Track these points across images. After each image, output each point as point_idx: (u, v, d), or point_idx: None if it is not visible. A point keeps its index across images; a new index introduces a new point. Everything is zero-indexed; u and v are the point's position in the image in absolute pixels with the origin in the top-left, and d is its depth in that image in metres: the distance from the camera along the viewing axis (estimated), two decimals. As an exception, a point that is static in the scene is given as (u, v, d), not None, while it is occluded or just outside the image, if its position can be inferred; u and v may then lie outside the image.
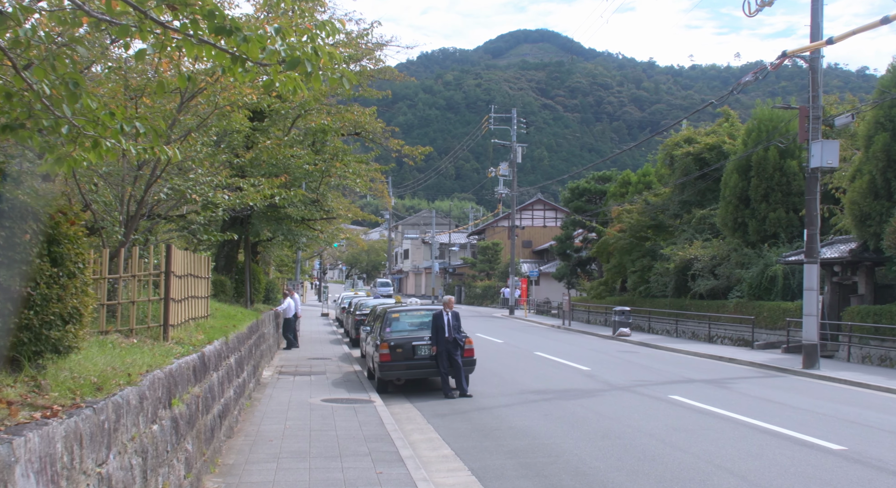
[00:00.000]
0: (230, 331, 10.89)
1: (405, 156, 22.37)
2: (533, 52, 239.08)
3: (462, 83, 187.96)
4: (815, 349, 19.06)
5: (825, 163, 18.49)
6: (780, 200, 30.24)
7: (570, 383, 16.11)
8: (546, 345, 27.08)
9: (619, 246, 41.23)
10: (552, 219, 77.07)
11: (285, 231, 20.81)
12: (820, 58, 18.91)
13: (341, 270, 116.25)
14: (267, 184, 12.20)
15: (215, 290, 18.05)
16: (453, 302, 15.08)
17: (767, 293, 28.68)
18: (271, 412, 12.01)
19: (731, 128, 39.33)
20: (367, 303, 27.85)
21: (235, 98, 9.23)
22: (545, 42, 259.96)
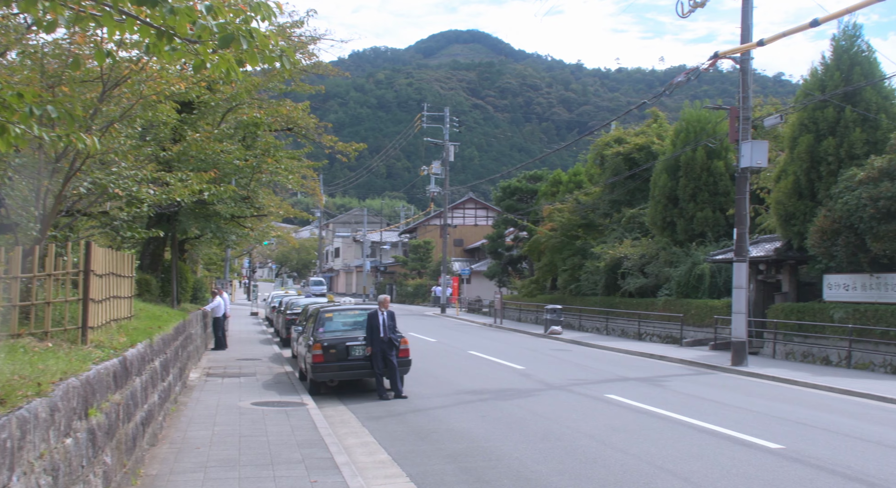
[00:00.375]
0: (155, 333, 10.38)
1: (338, 153, 21.95)
2: (464, 53, 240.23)
3: (394, 82, 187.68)
4: (744, 346, 19.35)
5: (755, 162, 18.78)
6: (707, 200, 30.78)
7: (506, 382, 15.97)
8: (479, 343, 26.97)
9: (551, 244, 41.47)
10: (483, 217, 77.30)
11: (214, 228, 20.16)
12: (750, 59, 19.20)
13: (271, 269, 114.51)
14: (195, 179, 11.65)
15: (140, 290, 17.36)
16: (388, 301, 14.77)
17: (695, 291, 29.14)
18: (199, 417, 11.51)
19: (660, 128, 39.92)
20: (299, 302, 27.31)
21: (162, 88, 8.75)
22: (476, 43, 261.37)
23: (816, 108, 22.61)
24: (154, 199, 10.47)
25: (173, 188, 10.97)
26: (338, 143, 21.71)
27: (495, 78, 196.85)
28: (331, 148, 21.80)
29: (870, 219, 19.50)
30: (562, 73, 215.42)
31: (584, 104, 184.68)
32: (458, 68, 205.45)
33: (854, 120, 21.97)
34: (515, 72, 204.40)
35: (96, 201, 10.01)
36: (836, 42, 23.28)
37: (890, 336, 18.98)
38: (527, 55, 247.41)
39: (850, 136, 21.94)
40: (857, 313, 20.10)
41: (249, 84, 16.97)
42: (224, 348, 24.21)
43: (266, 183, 21.33)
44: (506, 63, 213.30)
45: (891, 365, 18.96)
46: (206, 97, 16.92)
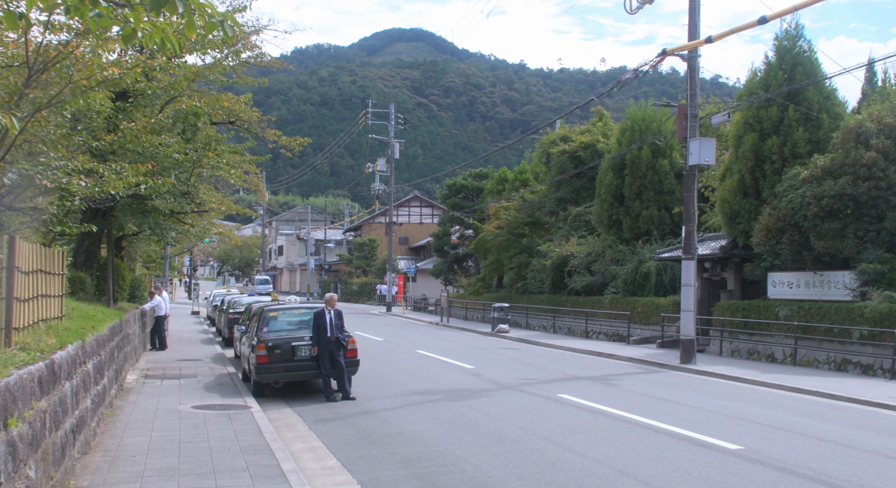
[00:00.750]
0: (88, 334, 9.79)
1: (282, 148, 21.29)
2: (408, 51, 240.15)
3: (337, 79, 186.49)
4: (693, 344, 19.37)
5: (703, 160, 18.79)
6: (652, 198, 30.93)
7: (457, 382, 15.64)
8: (427, 342, 26.63)
9: (497, 242, 41.35)
10: (428, 215, 77.02)
11: (152, 224, 19.41)
12: (698, 57, 19.21)
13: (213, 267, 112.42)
14: (131, 171, 11.00)
15: (73, 288, 16.59)
16: (336, 299, 14.29)
17: (641, 289, 29.25)
18: (135, 422, 10.92)
19: (605, 127, 40.10)
20: (241, 301, 26.62)
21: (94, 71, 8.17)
22: (420, 41, 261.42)
23: (761, 108, 22.81)
24: (86, 192, 9.84)
25: (107, 180, 10.33)
26: (282, 138, 21.06)
27: (439, 76, 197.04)
28: (274, 142, 21.14)
29: (814, 218, 19.69)
30: (505, 73, 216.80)
31: (528, 104, 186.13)
32: (402, 67, 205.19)
33: (797, 119, 22.19)
34: (459, 71, 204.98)
35: (22, 192, 9.36)
36: (779, 42, 23.51)
37: (833, 333, 19.19)
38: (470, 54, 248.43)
39: (793, 135, 22.16)
40: (802, 311, 20.29)
41: (189, 72, 16.31)
42: (164, 348, 23.43)
43: (207, 178, 20.65)
44: (449, 62, 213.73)
45: (834, 361, 19.17)
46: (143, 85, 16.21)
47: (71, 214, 13.70)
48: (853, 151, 19.46)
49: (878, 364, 17.92)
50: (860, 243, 19.33)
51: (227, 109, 20.11)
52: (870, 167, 19.00)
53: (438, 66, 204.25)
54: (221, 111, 20.43)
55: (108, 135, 13.85)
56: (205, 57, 20.10)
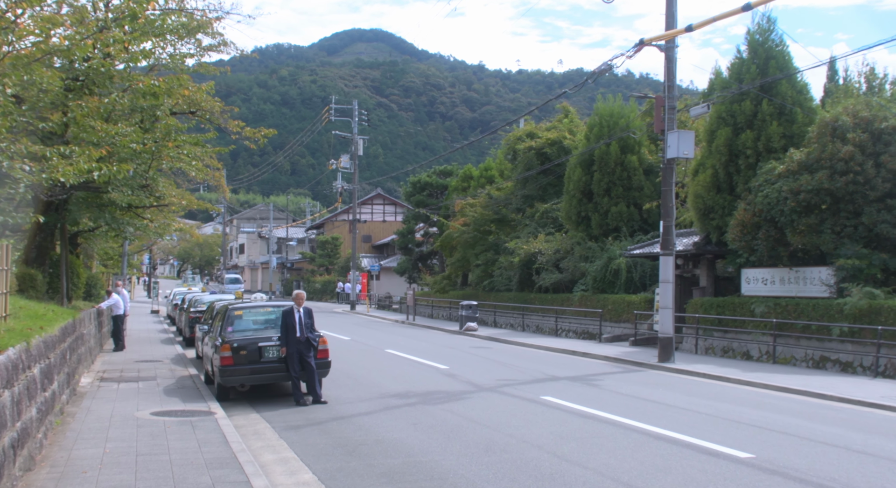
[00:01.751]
0: (34, 335, 8.94)
1: (246, 139, 20.32)
2: (368, 51, 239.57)
3: (297, 79, 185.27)
4: (671, 342, 18.91)
5: (682, 153, 18.33)
6: (621, 195, 30.53)
7: (433, 384, 14.95)
8: (396, 341, 25.91)
9: (463, 240, 40.72)
10: (392, 213, 76.25)
11: (109, 219, 18.43)
12: (675, 47, 18.75)
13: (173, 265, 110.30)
14: (83, 156, 10.06)
15: (23, 286, 15.61)
16: (304, 297, 13.49)
17: (611, 286, 28.81)
18: (88, 431, 10.05)
19: (571, 124, 39.73)
20: (203, 300, 25.64)
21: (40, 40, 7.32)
22: (379, 42, 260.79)
23: (734, 102, 22.45)
24: (32, 179, 8.97)
25: (55, 166, 9.41)
26: (245, 129, 20.12)
27: (399, 77, 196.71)
28: (237, 134, 20.17)
29: (790, 213, 19.34)
30: (464, 74, 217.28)
31: (487, 104, 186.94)
32: (362, 66, 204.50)
33: (771, 113, 21.86)
34: (419, 71, 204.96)
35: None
36: (752, 36, 23.16)
37: (811, 330, 18.85)
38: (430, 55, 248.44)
39: (767, 130, 21.83)
40: (778, 307, 19.93)
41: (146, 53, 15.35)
42: (122, 349, 22.40)
43: (167, 171, 19.70)
44: (409, 62, 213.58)
45: (813, 359, 18.83)
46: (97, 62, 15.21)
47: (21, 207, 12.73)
48: (829, 145, 19.13)
49: (857, 361, 17.60)
50: (837, 238, 19.01)
51: (188, 98, 19.15)
52: (847, 161, 18.68)
53: (398, 67, 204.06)
54: (182, 100, 19.51)
55: (54, 114, 12.80)
56: (164, 45, 19.15)
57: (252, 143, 20.69)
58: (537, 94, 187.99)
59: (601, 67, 19.45)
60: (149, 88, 17.92)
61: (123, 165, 10.70)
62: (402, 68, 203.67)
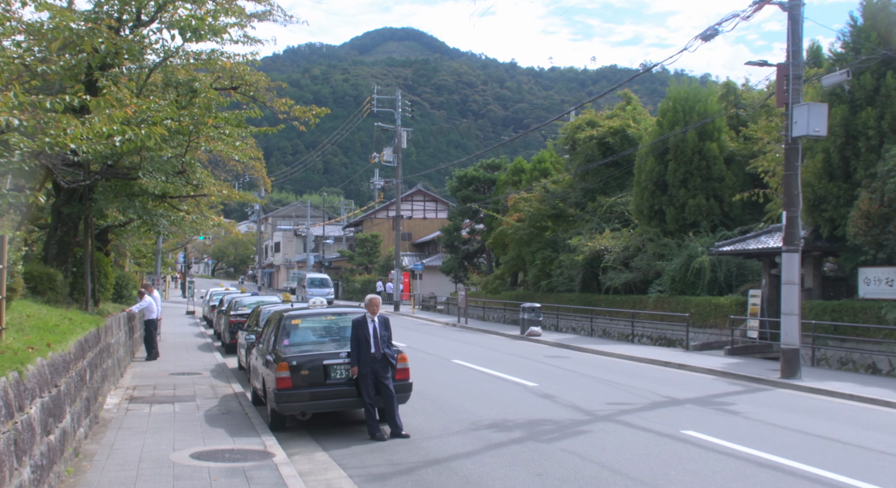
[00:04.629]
0: (35, 357, 6.40)
1: (295, 119, 17.74)
2: (399, 50, 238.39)
3: (329, 78, 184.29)
4: (797, 355, 15.98)
5: (812, 130, 15.39)
6: (699, 186, 27.56)
7: (530, 409, 12.19)
8: (457, 348, 23.22)
9: (518, 236, 37.90)
10: (432, 210, 73.76)
11: (139, 210, 15.91)
12: (801, 5, 15.83)
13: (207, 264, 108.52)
14: (102, 118, 7.44)
15: (39, 287, 13.14)
16: (379, 303, 10.79)
17: (692, 287, 25.89)
18: (109, 485, 7.48)
19: (634, 111, 36.89)
20: (244, 301, 23.14)
21: None
22: (411, 40, 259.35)
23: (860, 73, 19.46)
24: (33, 146, 6.44)
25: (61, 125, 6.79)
26: (294, 108, 17.48)
27: (431, 75, 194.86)
28: (285, 113, 17.57)
29: (931, 201, 16.39)
30: (496, 71, 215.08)
31: (519, 101, 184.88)
32: (394, 65, 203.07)
33: (896, 88, 18.86)
34: (451, 69, 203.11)
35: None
36: (868, 1, 20.17)
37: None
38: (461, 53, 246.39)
39: (893, 107, 18.82)
40: (916, 313, 16.97)
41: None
42: (155, 358, 19.95)
43: (206, 154, 17.17)
44: (441, 60, 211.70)
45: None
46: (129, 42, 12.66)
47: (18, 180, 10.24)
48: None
49: None
50: None
51: (229, 71, 16.67)
52: None
53: (430, 65, 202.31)
54: (223, 75, 17.02)
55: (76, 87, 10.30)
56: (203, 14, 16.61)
57: (301, 125, 18.04)
58: (570, 92, 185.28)
59: (706, 31, 16.55)
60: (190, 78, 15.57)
61: (155, 129, 8.04)
62: (434, 66, 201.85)
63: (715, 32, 16.56)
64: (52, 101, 6.51)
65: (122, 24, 13.96)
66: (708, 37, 16.68)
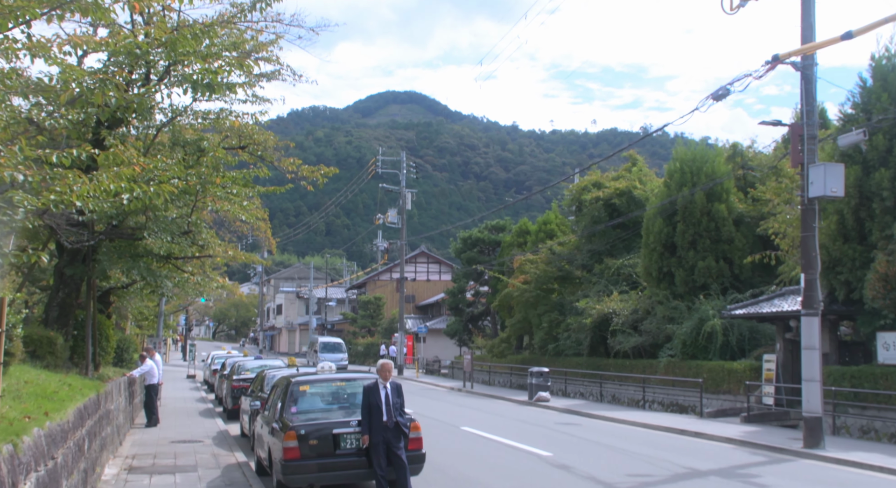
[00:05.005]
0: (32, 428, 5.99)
1: (302, 179, 17.57)
2: (402, 113, 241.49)
3: (333, 140, 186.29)
4: (820, 424, 15.42)
5: (829, 191, 15.14)
6: (709, 248, 27.24)
7: (546, 481, 11.61)
8: (465, 414, 22.60)
9: (524, 299, 37.42)
10: (435, 272, 73.42)
11: (144, 271, 15.58)
12: (814, 65, 15.74)
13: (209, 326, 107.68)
14: (110, 176, 7.13)
15: (38, 351, 12.72)
16: (392, 368, 10.37)
17: (704, 351, 25.33)
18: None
19: (640, 172, 36.82)
20: (247, 366, 22.62)
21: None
22: (413, 103, 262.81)
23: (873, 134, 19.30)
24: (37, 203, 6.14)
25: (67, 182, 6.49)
26: (302, 167, 17.36)
27: (433, 137, 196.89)
28: (293, 173, 17.42)
29: (952, 264, 16.03)
30: (498, 134, 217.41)
31: (521, 163, 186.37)
32: (397, 128, 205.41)
33: (910, 149, 18.69)
34: (453, 132, 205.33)
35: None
36: (877, 62, 20.16)
37: None
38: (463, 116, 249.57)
39: (908, 167, 18.64)
40: (942, 379, 16.45)
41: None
42: (156, 424, 19.36)
43: (211, 213, 16.91)
44: (443, 123, 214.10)
45: None
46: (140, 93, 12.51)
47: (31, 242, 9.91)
48: None
49: None
50: None
51: (237, 130, 16.54)
52: None
53: (432, 127, 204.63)
54: (231, 132, 16.88)
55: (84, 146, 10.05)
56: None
57: (309, 185, 17.88)
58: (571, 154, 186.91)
59: (718, 91, 16.45)
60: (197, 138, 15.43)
61: (164, 186, 7.72)
62: (437, 129, 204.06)
63: (727, 92, 16.45)
64: (59, 156, 6.25)
65: (132, 84, 13.85)
66: (720, 96, 16.57)
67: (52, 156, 6.17)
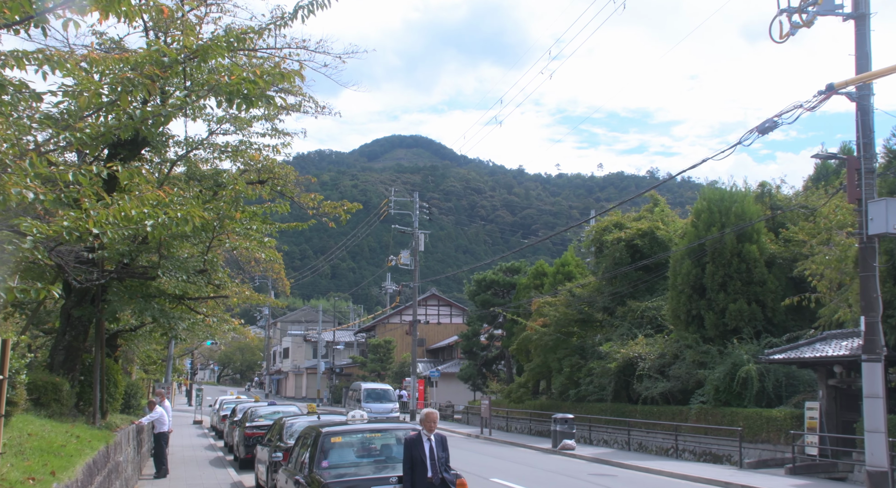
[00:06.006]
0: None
1: (324, 216, 16.65)
2: (408, 157, 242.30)
3: (339, 184, 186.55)
4: (886, 479, 14.20)
5: (891, 227, 14.14)
6: (740, 290, 26.21)
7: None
8: (489, 464, 21.36)
9: (543, 342, 36.24)
10: (446, 315, 72.25)
11: (157, 312, 14.55)
12: (871, 95, 14.87)
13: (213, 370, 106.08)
14: (133, 201, 6.15)
15: (43, 399, 11.68)
16: (437, 419, 9.29)
17: (738, 398, 24.13)
18: None
19: (662, 213, 35.98)
20: (260, 412, 21.47)
21: None
22: (419, 147, 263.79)
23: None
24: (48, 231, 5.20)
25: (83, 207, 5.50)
26: (324, 203, 16.44)
27: (439, 181, 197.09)
28: (314, 209, 16.50)
29: None
30: (504, 178, 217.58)
31: (528, 207, 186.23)
32: (403, 171, 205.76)
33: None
34: (459, 175, 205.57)
35: None
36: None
37: None
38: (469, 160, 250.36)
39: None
40: None
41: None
42: (164, 475, 18.18)
43: (227, 251, 15.94)
44: (449, 167, 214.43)
45: None
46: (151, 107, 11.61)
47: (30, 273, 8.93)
48: None
49: None
50: None
51: (257, 164, 15.67)
52: None
53: (438, 171, 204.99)
54: (249, 167, 16.02)
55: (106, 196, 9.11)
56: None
57: (331, 221, 16.93)
58: (578, 198, 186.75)
59: (765, 124, 15.55)
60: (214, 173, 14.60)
61: (193, 210, 6.77)
62: (443, 173, 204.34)
63: (774, 125, 15.55)
64: (76, 173, 5.32)
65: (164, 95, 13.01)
66: (766, 129, 15.67)
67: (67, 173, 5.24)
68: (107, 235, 5.96)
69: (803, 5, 14.48)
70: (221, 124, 15.12)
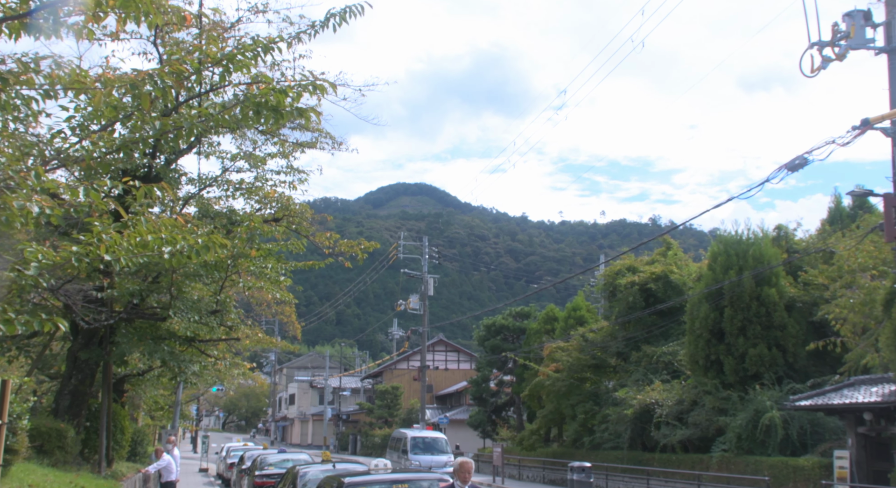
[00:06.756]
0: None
1: (340, 255, 16.20)
2: (412, 204, 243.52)
3: (344, 230, 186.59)
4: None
5: (933, 267, 13.64)
6: (759, 334, 25.57)
7: None
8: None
9: (556, 388, 35.45)
10: (454, 361, 71.38)
11: (166, 355, 14.01)
12: (906, 132, 14.47)
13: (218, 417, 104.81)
14: (150, 222, 5.68)
15: (46, 446, 11.12)
16: (472, 470, 8.65)
17: (761, 446, 23.36)
18: None
19: (675, 257, 35.49)
20: (270, 460, 20.72)
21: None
22: (423, 195, 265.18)
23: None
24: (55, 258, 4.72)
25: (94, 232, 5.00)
26: (340, 242, 16.04)
27: (444, 228, 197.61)
28: (330, 248, 16.07)
29: None
30: (508, 225, 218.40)
31: (531, 254, 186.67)
32: (407, 218, 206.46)
33: None
34: (463, 222, 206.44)
35: None
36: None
37: None
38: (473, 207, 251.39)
39: None
40: None
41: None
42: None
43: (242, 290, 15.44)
44: (453, 214, 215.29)
45: None
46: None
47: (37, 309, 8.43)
48: None
49: None
50: None
51: (272, 201, 15.29)
52: None
53: (443, 218, 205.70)
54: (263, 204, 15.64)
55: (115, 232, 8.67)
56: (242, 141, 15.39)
57: (347, 261, 16.49)
58: (581, 245, 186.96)
59: (794, 161, 15.16)
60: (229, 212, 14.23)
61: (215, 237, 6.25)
62: (447, 220, 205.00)
63: (804, 162, 15.15)
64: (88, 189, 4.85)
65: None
66: (796, 166, 15.27)
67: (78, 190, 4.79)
68: (120, 262, 5.47)
69: (835, 39, 14.17)
70: (235, 161, 14.81)
